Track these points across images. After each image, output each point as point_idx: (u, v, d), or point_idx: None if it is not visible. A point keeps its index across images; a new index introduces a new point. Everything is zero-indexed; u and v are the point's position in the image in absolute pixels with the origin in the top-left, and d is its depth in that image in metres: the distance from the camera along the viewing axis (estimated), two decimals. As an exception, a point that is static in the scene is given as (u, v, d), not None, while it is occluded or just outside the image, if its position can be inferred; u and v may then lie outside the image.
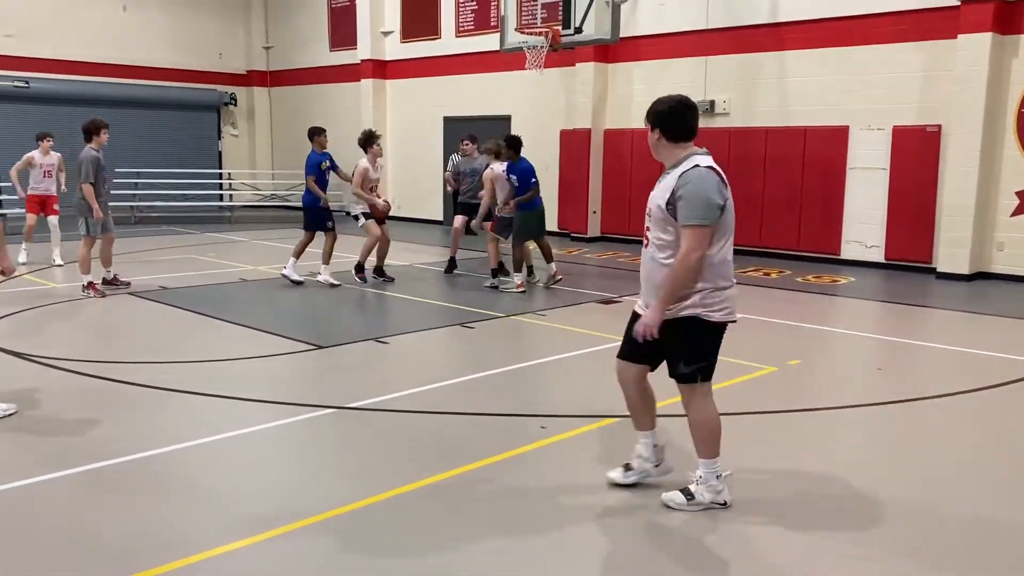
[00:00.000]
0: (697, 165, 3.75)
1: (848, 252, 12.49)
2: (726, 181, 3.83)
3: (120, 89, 19.32)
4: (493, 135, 11.20)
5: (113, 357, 6.68)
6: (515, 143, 10.00)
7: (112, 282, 9.71)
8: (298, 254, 10.15)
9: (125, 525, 3.79)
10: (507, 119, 16.65)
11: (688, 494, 3.95)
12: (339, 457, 4.75)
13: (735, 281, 3.92)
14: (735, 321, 3.88)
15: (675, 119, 3.82)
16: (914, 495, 4.23)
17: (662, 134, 3.84)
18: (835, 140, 12.37)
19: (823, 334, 8.15)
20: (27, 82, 17.99)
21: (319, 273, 10.10)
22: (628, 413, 4.22)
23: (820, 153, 12.52)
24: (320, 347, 7.16)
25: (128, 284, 9.82)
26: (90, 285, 9.32)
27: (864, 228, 12.31)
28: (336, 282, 10.01)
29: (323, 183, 10.19)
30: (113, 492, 4.17)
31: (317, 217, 10.18)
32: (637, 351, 3.97)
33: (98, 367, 6.33)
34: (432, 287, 10.38)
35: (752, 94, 13.27)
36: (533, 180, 9.89)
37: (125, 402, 5.64)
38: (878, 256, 12.20)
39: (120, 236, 11.26)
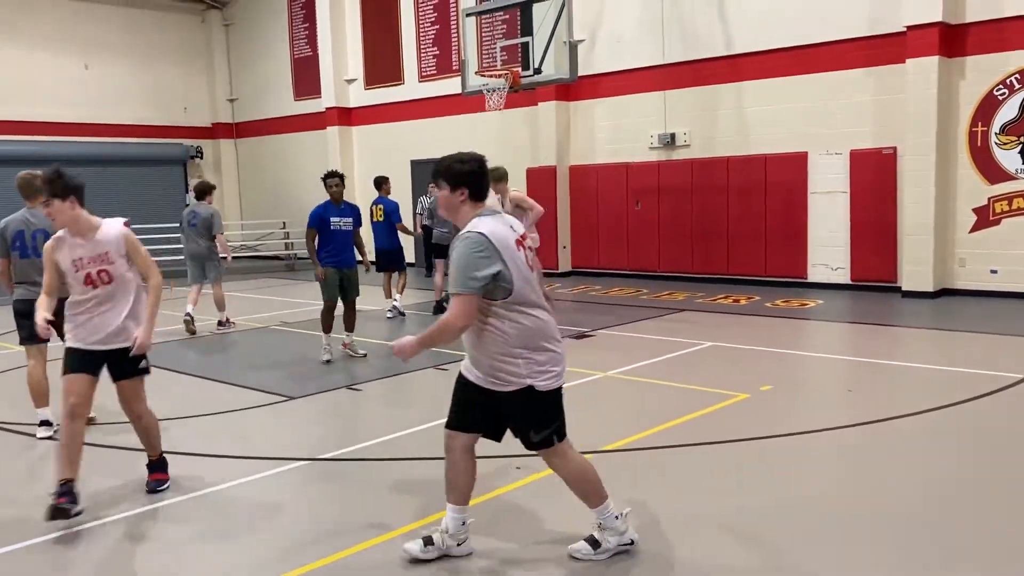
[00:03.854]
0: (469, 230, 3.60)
1: (815, 275, 12.66)
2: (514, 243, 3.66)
3: (85, 148, 19.20)
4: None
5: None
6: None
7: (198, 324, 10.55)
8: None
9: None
10: (473, 160, 16.75)
11: (594, 543, 3.82)
12: (313, 510, 4.69)
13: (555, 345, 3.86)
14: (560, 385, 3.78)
15: (483, 179, 3.76)
16: (888, 511, 4.26)
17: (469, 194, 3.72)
18: (795, 166, 12.60)
19: (794, 358, 8.22)
20: (-11, 145, 17.87)
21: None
22: (451, 478, 3.86)
23: (781, 179, 12.74)
24: (291, 398, 7.11)
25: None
26: (228, 320, 10.78)
27: (829, 251, 12.50)
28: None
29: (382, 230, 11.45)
30: (86, 556, 4.08)
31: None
32: (469, 419, 3.81)
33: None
34: (400, 330, 10.35)
35: (712, 125, 13.50)
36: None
37: (90, 462, 5.54)
38: (844, 278, 12.38)
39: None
